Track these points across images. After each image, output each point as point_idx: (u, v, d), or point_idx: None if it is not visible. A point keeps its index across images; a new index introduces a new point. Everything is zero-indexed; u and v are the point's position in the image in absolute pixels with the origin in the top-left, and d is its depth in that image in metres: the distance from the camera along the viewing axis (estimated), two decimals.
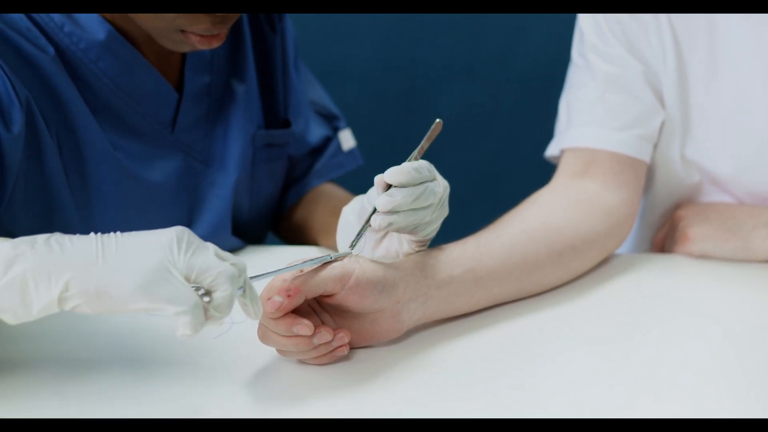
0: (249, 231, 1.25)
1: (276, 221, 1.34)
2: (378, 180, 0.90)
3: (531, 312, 1.00)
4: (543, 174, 1.28)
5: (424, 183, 0.90)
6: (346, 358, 0.89)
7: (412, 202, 0.88)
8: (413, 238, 0.94)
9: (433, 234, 0.95)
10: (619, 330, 0.97)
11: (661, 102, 1.19)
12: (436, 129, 0.92)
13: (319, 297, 0.87)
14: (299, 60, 1.32)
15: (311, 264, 0.85)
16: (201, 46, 1.02)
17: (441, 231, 0.96)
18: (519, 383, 0.86)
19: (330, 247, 1.17)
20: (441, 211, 0.93)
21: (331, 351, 0.87)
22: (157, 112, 1.12)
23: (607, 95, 1.17)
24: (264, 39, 1.24)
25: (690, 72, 1.18)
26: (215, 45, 1.03)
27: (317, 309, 0.89)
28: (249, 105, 1.21)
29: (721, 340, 0.95)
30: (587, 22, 1.20)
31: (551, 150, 1.23)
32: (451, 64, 2.21)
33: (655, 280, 1.11)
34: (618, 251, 1.18)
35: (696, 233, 1.17)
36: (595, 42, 1.19)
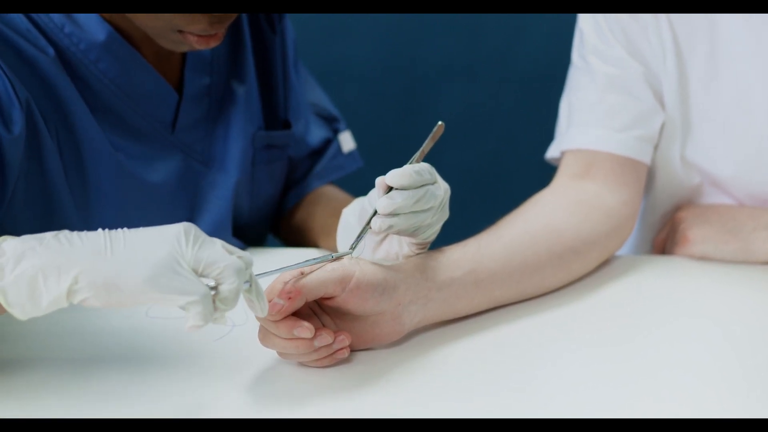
0: (249, 232, 1.25)
1: (276, 223, 1.34)
2: (379, 182, 0.89)
3: (532, 314, 1.00)
4: (543, 174, 1.28)
5: (425, 186, 0.90)
6: (346, 360, 0.89)
7: (412, 204, 0.88)
8: (413, 240, 0.94)
9: (434, 237, 0.95)
10: (620, 332, 0.97)
11: (661, 103, 1.19)
12: (438, 132, 0.92)
13: (320, 299, 0.87)
14: (299, 61, 1.32)
15: (313, 262, 0.86)
16: (199, 46, 1.02)
17: (441, 231, 0.96)
18: (520, 385, 0.86)
19: (330, 249, 1.17)
20: (441, 214, 0.93)
21: (332, 353, 0.87)
22: (157, 112, 1.12)
23: (607, 96, 1.17)
24: (264, 40, 1.24)
25: (690, 73, 1.18)
26: (213, 45, 1.03)
27: (318, 311, 0.89)
28: (249, 106, 1.21)
29: (722, 341, 0.95)
30: (587, 23, 1.20)
31: (552, 152, 1.23)
32: (451, 64, 2.21)
33: (656, 281, 1.11)
34: (618, 253, 1.17)
35: (696, 235, 1.17)
36: (595, 43, 1.19)
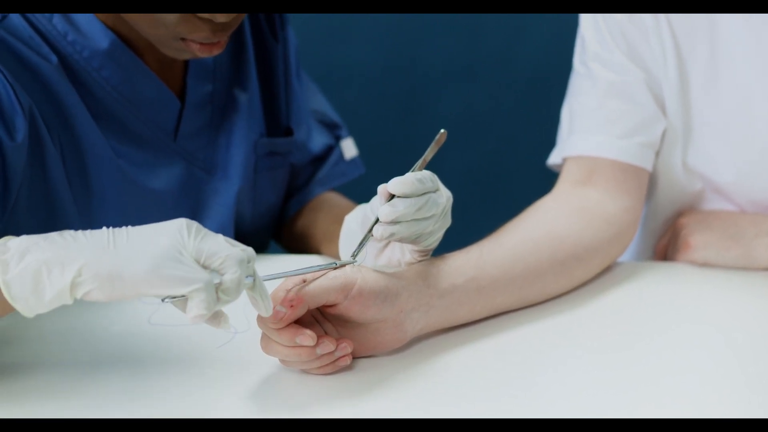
0: (251, 239, 1.25)
1: (278, 230, 1.34)
2: (381, 190, 0.90)
3: (533, 321, 1.00)
4: (543, 175, 1.28)
5: (427, 194, 0.90)
6: (348, 367, 0.89)
7: (414, 212, 0.88)
8: (415, 247, 0.94)
9: (436, 244, 0.95)
10: (622, 338, 0.97)
11: (663, 109, 1.19)
12: (440, 139, 0.92)
13: (322, 307, 0.87)
14: (301, 69, 1.32)
15: (316, 269, 0.86)
16: (201, 53, 1.02)
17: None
18: (522, 392, 0.86)
19: (333, 256, 1.17)
20: (443, 222, 0.93)
21: (334, 361, 0.87)
22: (160, 120, 1.12)
23: (609, 103, 1.17)
24: (266, 47, 1.24)
25: (691, 78, 1.17)
26: (216, 52, 1.03)
27: (320, 319, 0.89)
28: (251, 113, 1.21)
29: (724, 348, 0.95)
30: (589, 29, 1.20)
31: (553, 158, 1.22)
32: (451, 64, 2.20)
33: (658, 288, 1.11)
34: (620, 259, 1.17)
35: (698, 241, 1.16)
36: (597, 49, 1.18)
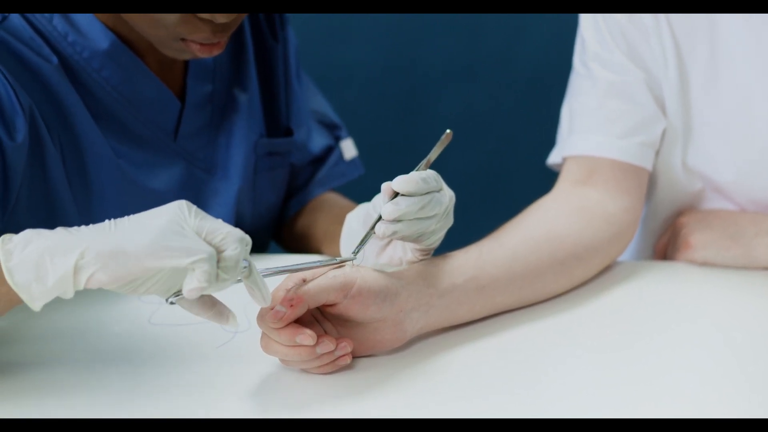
0: (251, 240, 1.25)
1: (278, 230, 1.34)
2: (385, 187, 0.90)
3: (533, 320, 1.00)
4: (543, 175, 1.28)
5: (430, 193, 0.90)
6: (348, 367, 0.89)
7: (417, 211, 0.89)
8: (417, 246, 0.94)
9: (437, 243, 0.95)
10: (622, 337, 0.97)
11: (663, 109, 1.19)
12: (445, 140, 0.92)
13: (322, 306, 0.87)
14: (301, 69, 1.32)
15: (316, 264, 0.86)
16: (201, 54, 1.02)
17: None
18: (521, 391, 0.86)
19: (333, 256, 1.16)
20: (446, 221, 0.93)
21: (334, 360, 0.87)
22: (160, 120, 1.12)
23: (609, 103, 1.17)
24: (266, 48, 1.24)
25: (691, 78, 1.17)
26: (216, 53, 1.03)
27: (320, 318, 0.89)
28: (251, 113, 1.21)
29: (723, 347, 0.95)
30: (589, 29, 1.20)
31: (553, 158, 1.23)
32: (451, 64, 2.21)
33: (657, 287, 1.11)
34: (620, 258, 1.17)
35: (698, 240, 1.17)
36: (597, 49, 1.19)
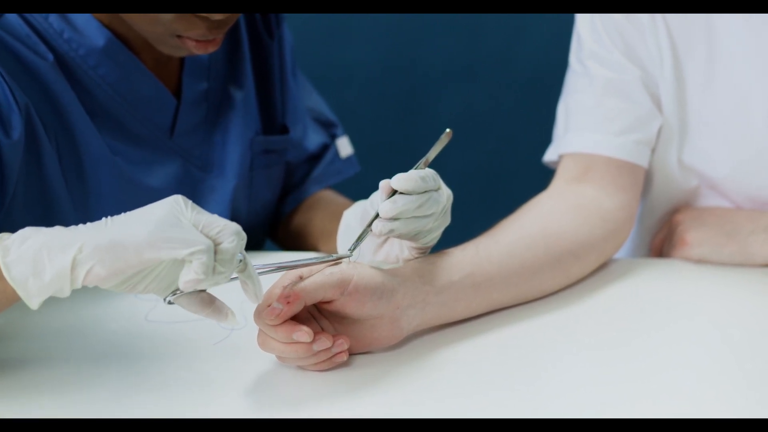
0: (247, 237, 1.25)
1: (274, 228, 1.35)
2: (383, 185, 0.90)
3: (530, 317, 1.00)
4: (542, 175, 1.28)
5: (428, 191, 0.90)
6: (345, 364, 0.89)
7: (415, 209, 0.89)
8: (414, 244, 0.94)
9: (434, 242, 0.95)
10: (618, 335, 0.97)
11: (659, 107, 1.19)
12: (444, 139, 0.92)
13: (318, 303, 0.87)
14: (296, 67, 1.32)
15: (312, 260, 0.86)
16: (197, 51, 1.02)
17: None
18: (518, 388, 0.86)
19: (330, 252, 1.17)
20: (443, 220, 0.93)
21: (331, 357, 0.87)
22: (156, 117, 1.12)
23: (605, 100, 1.17)
24: (261, 45, 1.24)
25: (687, 76, 1.18)
26: (211, 50, 1.03)
27: (316, 315, 0.89)
28: (247, 111, 1.21)
29: (720, 344, 0.95)
30: (585, 27, 1.20)
31: (549, 155, 1.23)
32: (451, 64, 2.21)
33: (654, 284, 1.11)
34: (616, 256, 1.17)
35: (694, 238, 1.17)
36: (593, 47, 1.19)
